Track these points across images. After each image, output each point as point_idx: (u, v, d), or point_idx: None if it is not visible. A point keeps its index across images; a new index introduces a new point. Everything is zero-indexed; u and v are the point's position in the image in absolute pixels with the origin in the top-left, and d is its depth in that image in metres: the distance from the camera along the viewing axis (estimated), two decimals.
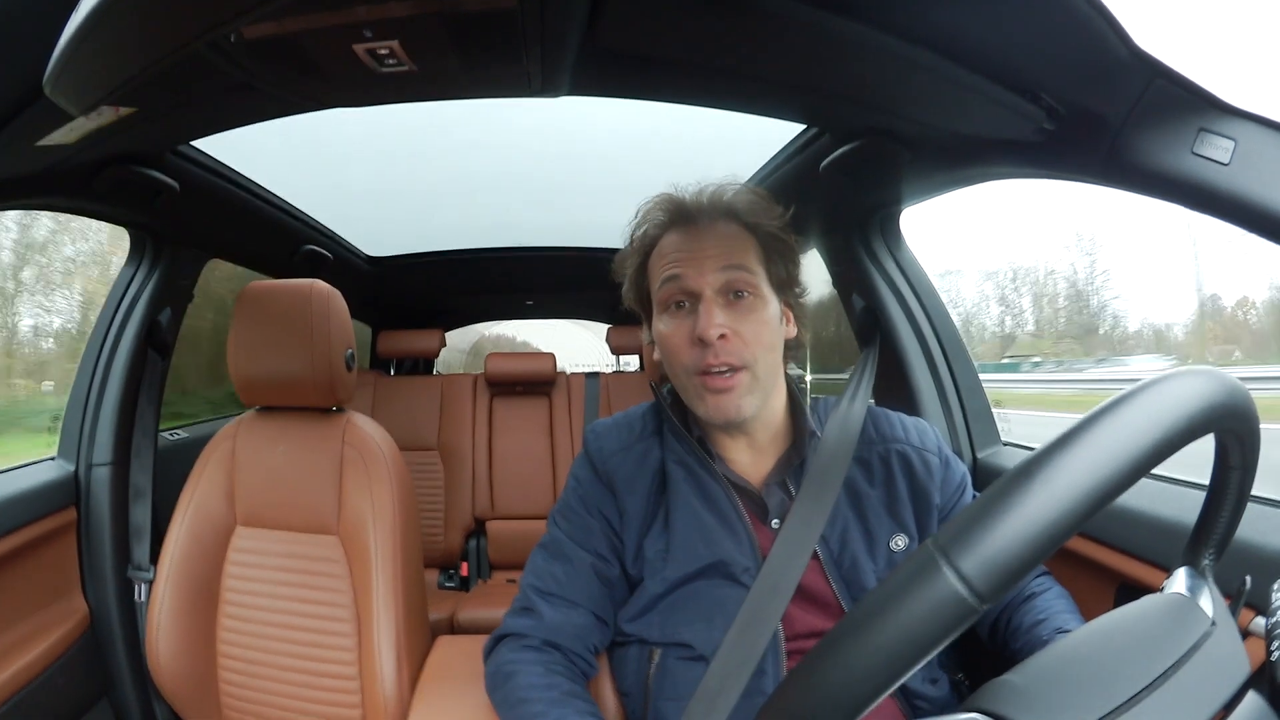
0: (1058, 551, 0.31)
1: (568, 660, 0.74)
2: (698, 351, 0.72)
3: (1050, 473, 0.31)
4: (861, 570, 0.74)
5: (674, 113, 0.98)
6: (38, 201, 1.02)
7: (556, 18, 0.65)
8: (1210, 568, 0.46)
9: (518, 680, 0.71)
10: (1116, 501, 0.31)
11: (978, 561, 0.29)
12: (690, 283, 0.73)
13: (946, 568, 0.30)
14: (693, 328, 0.72)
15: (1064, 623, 0.72)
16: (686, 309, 0.74)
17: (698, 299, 0.73)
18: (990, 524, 0.30)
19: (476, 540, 2.31)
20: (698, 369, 0.72)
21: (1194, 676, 0.38)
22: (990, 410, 1.21)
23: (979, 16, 0.62)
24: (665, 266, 0.75)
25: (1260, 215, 0.60)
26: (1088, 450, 0.31)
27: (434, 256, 2.28)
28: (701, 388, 0.73)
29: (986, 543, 0.30)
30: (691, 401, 0.76)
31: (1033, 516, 0.30)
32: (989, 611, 0.51)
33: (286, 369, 1.05)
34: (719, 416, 0.73)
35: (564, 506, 0.83)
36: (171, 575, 1.03)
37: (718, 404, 0.72)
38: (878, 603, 0.31)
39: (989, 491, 0.32)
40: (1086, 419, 0.33)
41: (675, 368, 0.75)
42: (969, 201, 1.06)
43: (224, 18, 0.48)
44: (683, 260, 0.74)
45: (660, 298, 0.76)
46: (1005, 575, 0.29)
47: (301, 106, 0.87)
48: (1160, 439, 0.32)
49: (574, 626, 0.75)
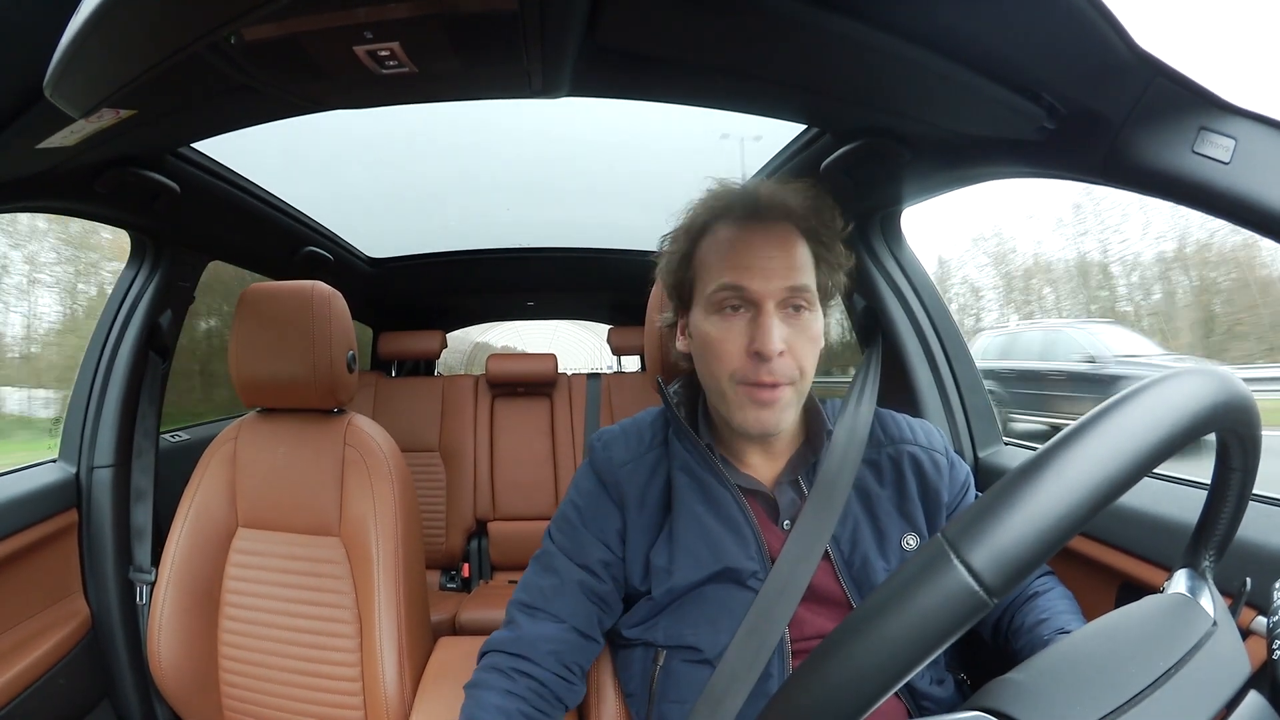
0: (1059, 551, 0.31)
1: (534, 678, 0.73)
2: (749, 363, 0.69)
3: (1059, 467, 0.31)
4: (873, 570, 0.73)
5: (674, 113, 0.98)
6: (38, 204, 1.02)
7: (556, 19, 0.65)
8: (1210, 570, 0.46)
9: (475, 699, 0.72)
10: (1118, 501, 0.31)
11: (988, 555, 0.29)
12: (754, 291, 0.69)
13: (956, 561, 0.29)
14: (749, 337, 0.69)
15: (1065, 623, 0.72)
16: (741, 314, 0.70)
17: (755, 306, 0.69)
18: (1000, 517, 0.30)
19: (478, 541, 2.31)
20: (746, 380, 0.69)
21: (1196, 675, 0.38)
22: (991, 409, 1.21)
23: (979, 16, 0.62)
24: (724, 267, 0.71)
25: (1261, 214, 0.60)
26: (1095, 446, 0.31)
27: (434, 257, 2.28)
28: (745, 398, 0.70)
29: (996, 536, 0.29)
30: (728, 408, 0.72)
31: (1042, 510, 0.30)
32: (991, 609, 0.51)
33: (288, 370, 1.05)
34: (757, 428, 0.71)
35: (560, 518, 0.81)
36: (173, 577, 1.03)
37: (759, 417, 0.70)
38: (887, 596, 0.31)
39: (997, 486, 0.32)
40: (1092, 416, 0.33)
41: (717, 372, 0.71)
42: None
43: (224, 20, 0.48)
44: (745, 265, 0.70)
45: (714, 298, 0.71)
46: (1015, 569, 0.29)
47: (302, 108, 0.87)
48: (1166, 436, 0.32)
49: (549, 641, 0.74)
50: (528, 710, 0.71)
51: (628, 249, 2.23)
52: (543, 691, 0.73)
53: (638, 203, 1.80)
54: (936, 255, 10.04)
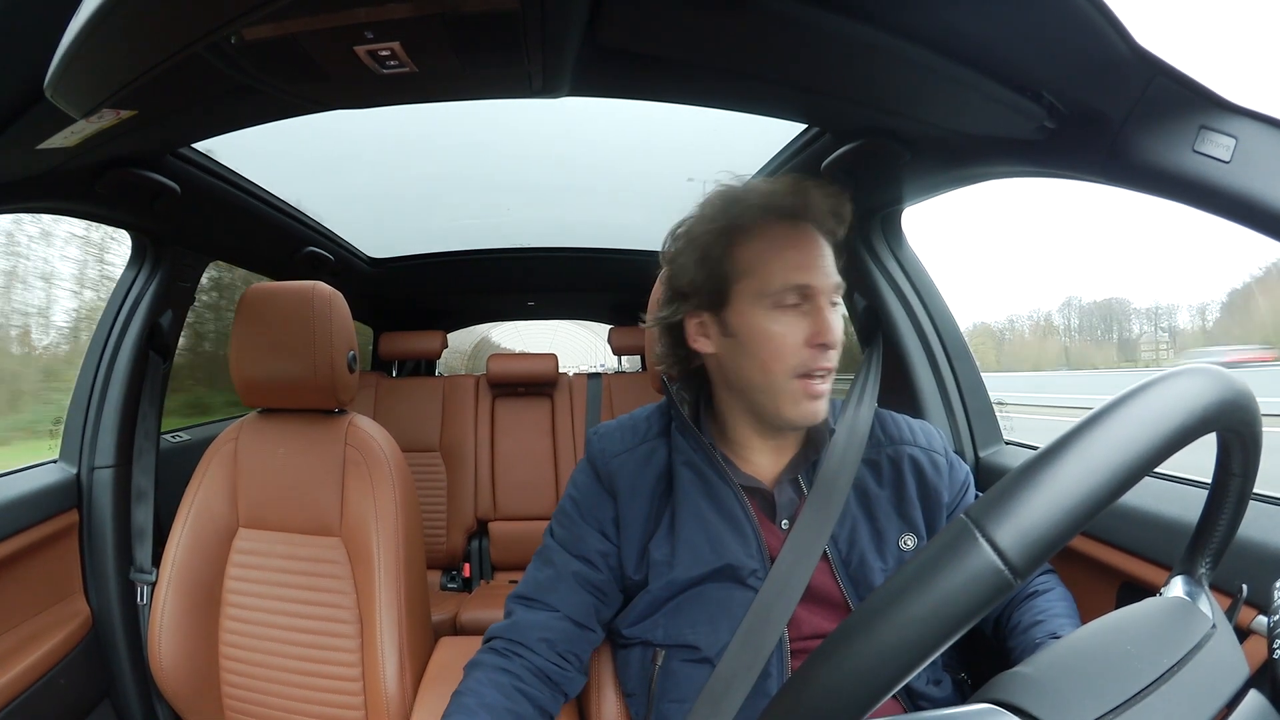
0: (1059, 550, 0.31)
1: (529, 662, 0.74)
2: (811, 353, 0.71)
3: (1080, 450, 0.31)
4: (870, 570, 0.74)
5: (674, 113, 0.98)
6: (39, 205, 1.02)
7: (557, 19, 0.65)
8: (1206, 576, 0.46)
9: (473, 675, 0.74)
10: (1118, 501, 0.31)
11: (1014, 533, 0.29)
12: (817, 286, 0.72)
13: (982, 539, 0.29)
14: (810, 329, 0.71)
15: (1059, 627, 0.72)
16: (799, 309, 0.72)
17: (811, 300, 0.72)
18: (1025, 497, 0.30)
19: (479, 541, 2.31)
20: (807, 370, 0.71)
21: (1197, 674, 0.38)
22: (992, 409, 1.21)
23: (979, 15, 0.62)
24: (787, 266, 0.72)
25: (1261, 213, 0.60)
26: (1115, 430, 0.32)
27: (435, 258, 2.28)
28: (801, 392, 0.72)
29: (1022, 515, 0.29)
30: (780, 405, 0.73)
31: (1066, 489, 0.30)
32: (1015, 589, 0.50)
33: (289, 371, 1.05)
34: (810, 419, 0.73)
35: (559, 512, 0.83)
36: (174, 577, 1.03)
37: (813, 409, 0.72)
38: (912, 576, 0.31)
39: (1019, 468, 0.32)
40: (1110, 404, 0.33)
41: (774, 367, 0.72)
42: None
43: (224, 20, 0.48)
44: (807, 264, 0.72)
45: (777, 295, 0.72)
46: (1041, 547, 0.29)
47: (302, 108, 0.87)
48: (1179, 426, 0.33)
49: (542, 629, 0.76)
50: (521, 687, 0.72)
51: (628, 249, 2.24)
52: (537, 673, 0.74)
53: (638, 203, 1.81)
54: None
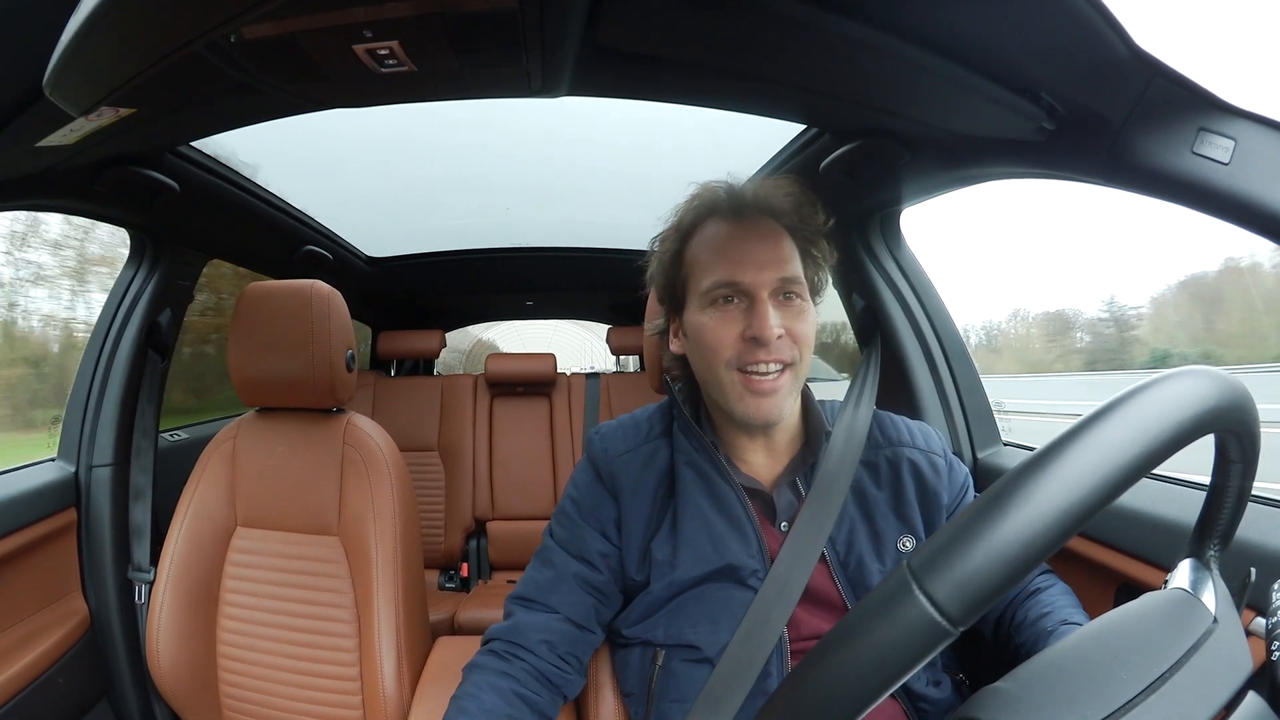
0: (1059, 551, 0.31)
1: (528, 664, 0.74)
2: (745, 347, 0.71)
3: (1025, 493, 0.30)
4: (868, 571, 0.74)
5: (674, 113, 0.98)
6: (38, 203, 1.02)
7: (556, 18, 0.65)
8: (1215, 559, 0.46)
9: (471, 678, 0.74)
10: (1117, 501, 0.31)
11: (950, 586, 0.29)
12: (746, 282, 0.71)
13: (918, 592, 0.29)
14: (744, 325, 0.71)
15: (1069, 615, 0.72)
16: (735, 305, 0.72)
17: (748, 297, 0.72)
18: (963, 547, 0.30)
19: (477, 541, 2.31)
20: (741, 364, 0.71)
21: (1193, 677, 0.38)
22: (990, 410, 1.21)
23: (979, 16, 0.62)
24: (715, 262, 0.73)
25: (1260, 214, 0.60)
26: (1063, 468, 0.31)
27: (434, 257, 2.28)
28: (743, 387, 0.71)
29: (958, 567, 0.29)
30: (728, 400, 0.73)
31: (1006, 539, 0.30)
32: (991, 608, 0.51)
33: (287, 369, 1.05)
34: (759, 418, 0.72)
35: (559, 513, 0.83)
36: (172, 576, 1.03)
37: (759, 405, 0.71)
38: (850, 626, 0.31)
39: (962, 513, 0.32)
40: (1065, 435, 0.32)
41: (714, 362, 0.73)
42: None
43: (223, 18, 0.48)
44: (735, 258, 0.72)
45: (708, 293, 0.73)
46: (978, 599, 0.29)
47: (301, 107, 0.86)
48: (1146, 451, 0.32)
49: (542, 631, 0.75)
50: (521, 691, 0.72)
51: (627, 249, 2.23)
52: (537, 675, 0.74)
53: (638, 203, 1.80)
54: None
